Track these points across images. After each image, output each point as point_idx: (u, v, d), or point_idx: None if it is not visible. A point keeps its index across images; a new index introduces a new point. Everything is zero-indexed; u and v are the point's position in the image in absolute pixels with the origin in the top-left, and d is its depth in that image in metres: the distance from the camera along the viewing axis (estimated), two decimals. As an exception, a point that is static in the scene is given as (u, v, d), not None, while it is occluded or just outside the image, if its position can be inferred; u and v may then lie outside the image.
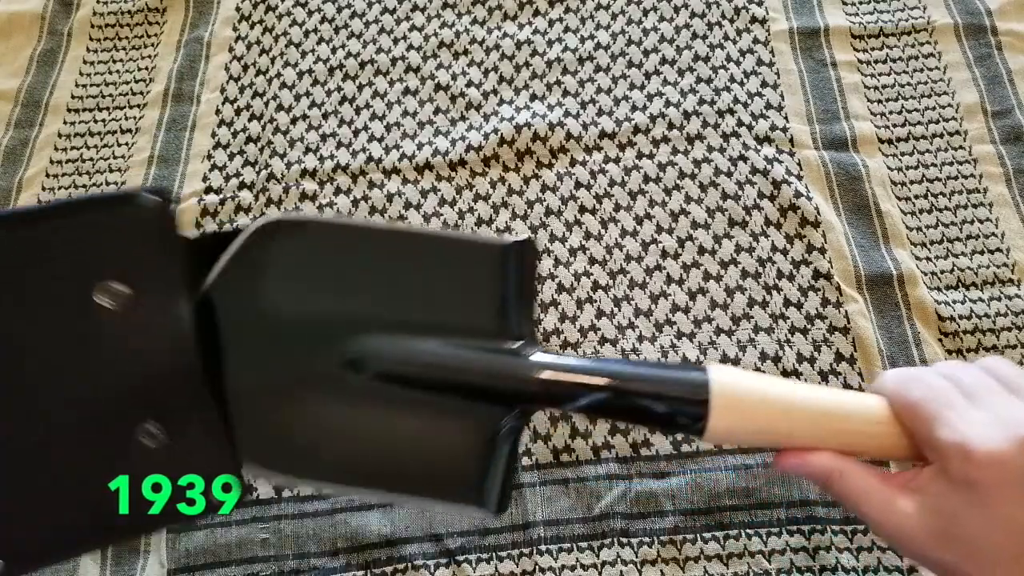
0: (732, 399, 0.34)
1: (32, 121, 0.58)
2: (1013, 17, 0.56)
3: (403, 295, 0.39)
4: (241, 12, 0.61)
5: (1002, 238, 0.49)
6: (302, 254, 0.38)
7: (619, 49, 0.57)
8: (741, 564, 0.41)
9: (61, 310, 0.32)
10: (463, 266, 0.39)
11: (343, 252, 0.39)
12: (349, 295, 0.38)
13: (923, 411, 0.32)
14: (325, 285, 0.39)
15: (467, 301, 0.38)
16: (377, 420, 0.37)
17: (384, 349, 0.37)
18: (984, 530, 0.30)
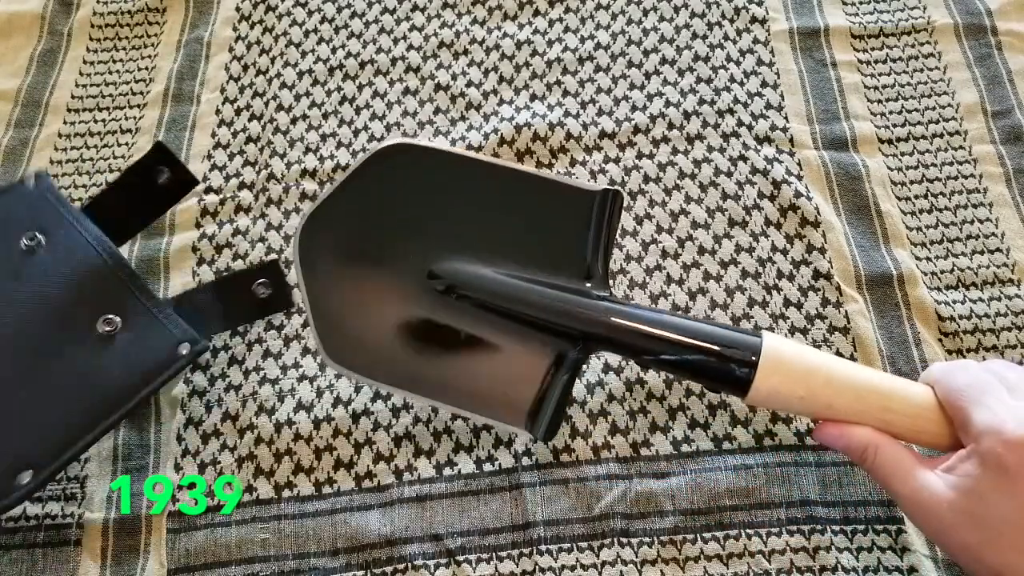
0: (780, 363, 0.36)
1: (32, 121, 0.58)
2: (1013, 17, 0.56)
3: (493, 225, 0.42)
4: (241, 12, 0.61)
5: (1002, 238, 0.49)
6: (410, 177, 0.43)
7: (619, 49, 0.57)
8: (741, 564, 0.41)
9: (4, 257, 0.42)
10: (553, 206, 0.42)
11: (447, 179, 0.43)
12: (444, 218, 0.42)
13: (965, 395, 0.32)
14: (425, 206, 0.42)
15: (550, 238, 0.42)
16: (448, 334, 0.41)
17: (465, 270, 0.41)
18: (1010, 514, 0.30)
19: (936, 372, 0.35)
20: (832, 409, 0.35)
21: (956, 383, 0.34)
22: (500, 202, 0.42)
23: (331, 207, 0.42)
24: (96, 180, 0.55)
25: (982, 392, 0.32)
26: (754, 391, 0.36)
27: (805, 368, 0.36)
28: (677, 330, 0.38)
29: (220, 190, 0.54)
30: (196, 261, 0.51)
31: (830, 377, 0.35)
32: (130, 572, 0.43)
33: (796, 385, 0.35)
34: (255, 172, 0.54)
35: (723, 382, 0.37)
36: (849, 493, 0.42)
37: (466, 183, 0.43)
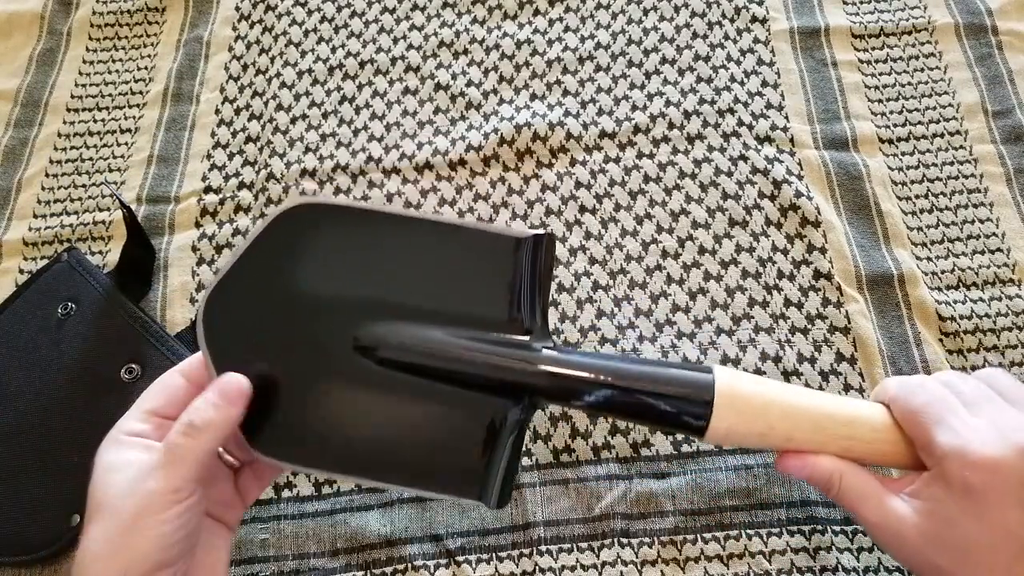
0: (735, 401, 0.34)
1: (32, 121, 0.58)
2: (1014, 17, 0.56)
3: (417, 282, 0.39)
4: (241, 12, 0.61)
5: (1002, 238, 0.49)
6: (320, 238, 0.39)
7: (619, 48, 0.57)
8: (741, 564, 0.41)
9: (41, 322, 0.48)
10: (479, 256, 0.39)
11: (361, 237, 0.39)
12: (364, 280, 0.39)
13: (924, 417, 0.32)
14: (340, 270, 0.39)
15: (481, 291, 0.38)
16: (383, 407, 0.37)
17: (394, 335, 0.37)
18: (979, 535, 0.30)
19: (892, 389, 0.35)
20: (792, 441, 0.34)
21: (914, 403, 0.33)
22: (422, 256, 0.39)
23: (234, 280, 0.37)
24: (96, 180, 0.55)
25: (941, 412, 0.32)
26: (711, 432, 0.34)
27: (761, 403, 0.34)
28: (624, 377, 0.35)
29: (220, 190, 0.53)
30: (196, 261, 0.51)
31: (786, 409, 0.34)
32: (130, 572, 0.43)
33: (754, 422, 0.34)
34: (255, 172, 0.54)
35: (679, 426, 0.35)
36: (849, 493, 0.42)
37: (382, 239, 0.39)
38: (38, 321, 0.47)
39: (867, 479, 0.34)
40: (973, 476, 0.30)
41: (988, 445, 0.30)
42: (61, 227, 0.53)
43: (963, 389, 0.33)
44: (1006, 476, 0.30)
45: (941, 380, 0.34)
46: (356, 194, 0.52)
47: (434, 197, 0.52)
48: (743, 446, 0.40)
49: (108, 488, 0.31)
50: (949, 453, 0.31)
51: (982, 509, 0.30)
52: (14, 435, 0.44)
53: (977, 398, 0.33)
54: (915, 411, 0.33)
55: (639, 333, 0.47)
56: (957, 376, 0.34)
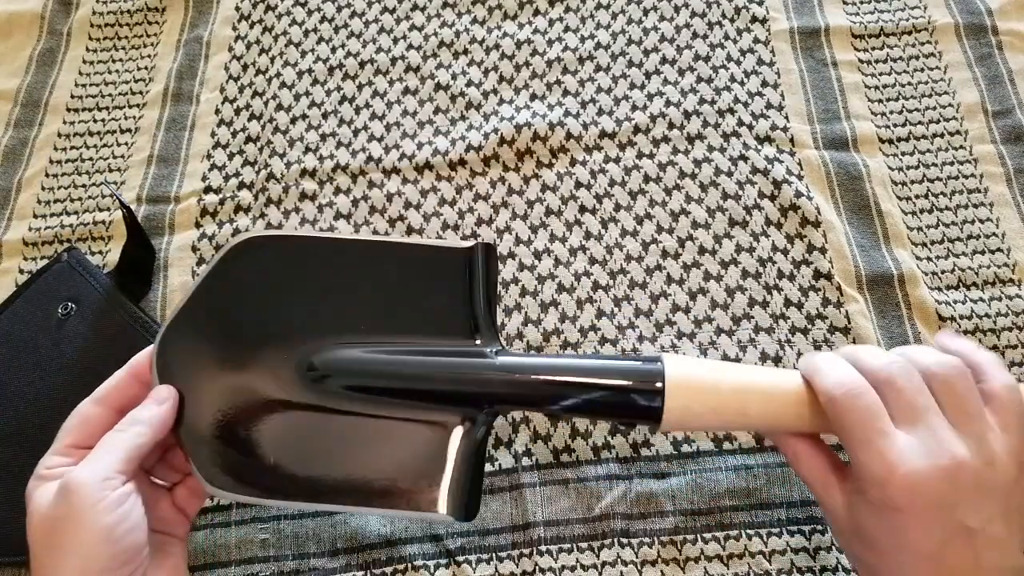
0: (686, 381, 0.35)
1: (32, 121, 0.58)
2: (1014, 17, 0.56)
3: (366, 303, 0.39)
4: (241, 12, 0.61)
5: (1003, 238, 0.49)
6: (270, 270, 0.39)
7: (619, 48, 0.57)
8: (741, 564, 0.41)
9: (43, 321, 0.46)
10: (424, 271, 0.40)
11: (309, 266, 0.40)
12: (314, 307, 0.39)
13: (850, 431, 0.32)
14: (290, 299, 0.39)
15: (427, 305, 0.39)
16: (340, 431, 0.37)
17: (343, 356, 0.38)
18: (893, 546, 0.31)
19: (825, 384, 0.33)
20: (747, 416, 0.35)
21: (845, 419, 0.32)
22: (368, 277, 0.39)
23: (187, 318, 0.38)
24: (96, 180, 0.55)
25: (868, 433, 0.31)
26: (667, 414, 0.35)
27: (711, 380, 0.35)
28: (575, 372, 0.36)
29: (220, 190, 0.53)
30: (196, 261, 0.51)
31: (736, 384, 0.35)
32: (130, 572, 0.43)
33: (707, 397, 0.35)
34: (255, 172, 0.54)
35: (634, 415, 0.36)
36: (849, 493, 0.42)
37: (329, 266, 0.40)
38: (38, 321, 0.47)
39: (817, 459, 0.35)
40: (891, 495, 0.30)
41: (911, 464, 0.30)
42: (61, 227, 0.53)
43: (904, 392, 0.32)
44: (926, 497, 0.30)
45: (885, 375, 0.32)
46: (356, 194, 0.52)
47: (434, 197, 0.52)
48: (699, 428, 0.40)
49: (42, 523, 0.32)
50: (868, 475, 0.31)
51: (897, 527, 0.30)
52: (14, 435, 0.44)
53: (913, 407, 0.31)
54: (844, 428, 0.32)
55: (639, 333, 0.47)
56: (905, 369, 0.32)
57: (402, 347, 0.38)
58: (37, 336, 0.47)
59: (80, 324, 0.47)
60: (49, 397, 0.45)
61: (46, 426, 0.44)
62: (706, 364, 0.36)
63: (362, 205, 0.52)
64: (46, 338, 0.47)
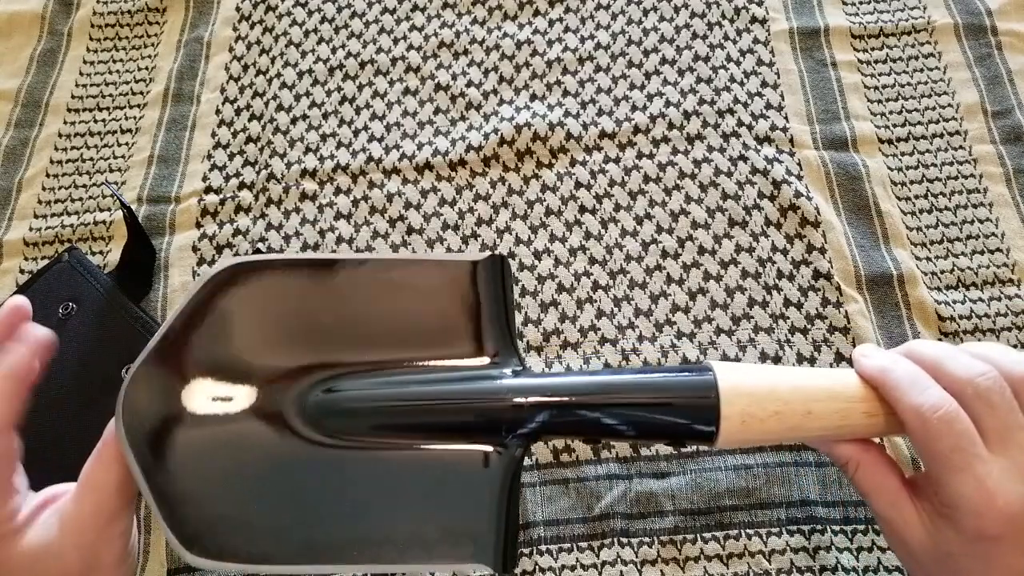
0: (740, 386, 0.31)
1: (32, 121, 0.58)
2: (1013, 17, 0.56)
3: (371, 329, 0.35)
4: (241, 12, 0.61)
5: (1002, 238, 0.49)
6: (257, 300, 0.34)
7: (619, 49, 0.57)
8: (741, 564, 0.41)
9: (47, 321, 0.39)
10: (433, 288, 0.35)
11: (298, 295, 0.35)
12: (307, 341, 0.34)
13: (944, 457, 0.29)
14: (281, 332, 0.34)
15: (441, 325, 0.34)
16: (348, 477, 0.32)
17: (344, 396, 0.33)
18: (982, 573, 0.29)
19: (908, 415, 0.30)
20: (812, 415, 0.31)
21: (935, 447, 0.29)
22: (373, 301, 0.34)
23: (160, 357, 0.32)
24: (96, 180, 0.55)
25: (964, 460, 0.29)
26: (726, 423, 0.31)
27: (767, 383, 0.32)
28: (617, 390, 0.32)
29: (220, 190, 0.53)
30: (196, 261, 0.51)
31: (793, 384, 0.32)
32: (130, 572, 0.43)
33: (767, 402, 0.31)
34: (255, 172, 0.54)
35: (687, 436, 0.32)
36: (849, 493, 0.42)
37: (326, 292, 0.35)
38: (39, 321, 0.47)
39: (884, 473, 0.32)
40: (989, 526, 0.28)
41: (1011, 493, 0.28)
42: (62, 227, 0.53)
43: (996, 413, 0.29)
44: (1020, 524, 0.28)
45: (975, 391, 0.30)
46: (356, 194, 0.52)
47: (434, 197, 0.52)
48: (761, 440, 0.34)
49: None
50: (965, 505, 0.29)
51: (990, 554, 0.29)
52: (15, 435, 0.44)
53: (1008, 424, 0.29)
54: (935, 453, 0.30)
55: (639, 333, 0.47)
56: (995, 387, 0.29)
57: (409, 375, 0.33)
58: None
59: (80, 324, 0.47)
60: (49, 396, 0.45)
61: (46, 426, 0.44)
62: (757, 369, 0.33)
63: (362, 205, 0.52)
64: None
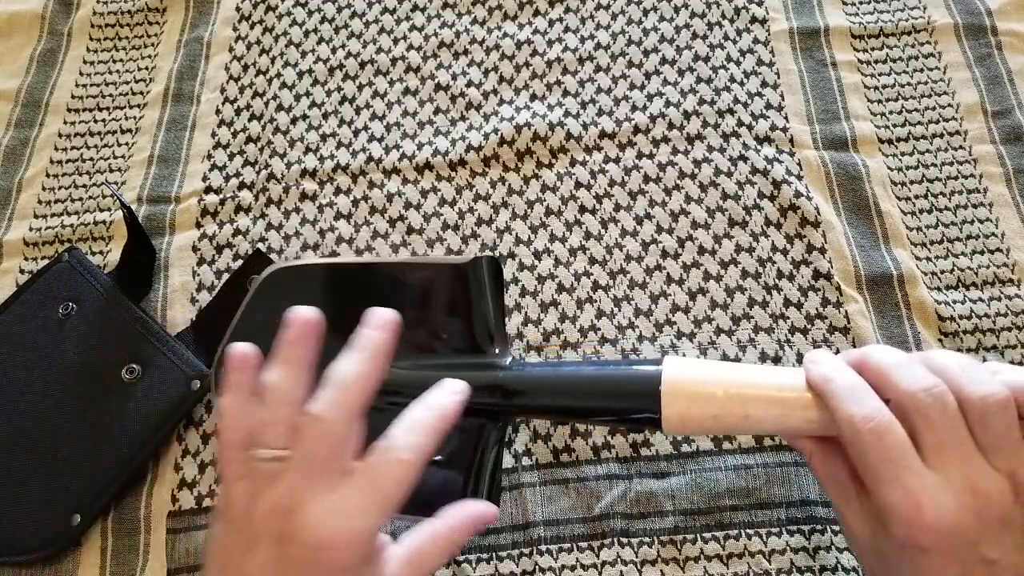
0: (681, 386, 0.34)
1: (32, 121, 0.58)
2: (1013, 17, 0.56)
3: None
4: (241, 12, 0.61)
5: (1002, 238, 0.49)
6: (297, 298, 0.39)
7: (619, 49, 0.57)
8: (741, 564, 0.41)
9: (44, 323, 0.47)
10: (432, 287, 0.41)
11: (331, 291, 0.42)
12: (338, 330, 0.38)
13: (874, 467, 0.30)
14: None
15: (440, 319, 0.41)
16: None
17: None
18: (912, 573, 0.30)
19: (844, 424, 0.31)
20: (751, 419, 0.34)
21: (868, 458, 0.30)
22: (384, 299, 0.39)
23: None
24: (96, 180, 0.55)
25: (896, 471, 0.29)
26: (666, 422, 0.34)
27: (708, 386, 0.34)
28: (579, 383, 0.38)
29: (220, 190, 0.53)
30: (196, 261, 0.51)
31: (736, 389, 0.34)
32: (130, 572, 0.43)
33: (705, 405, 0.34)
34: (255, 172, 0.54)
35: (636, 421, 0.37)
36: (849, 493, 0.42)
37: (349, 290, 0.42)
38: (39, 321, 0.47)
39: (837, 466, 0.33)
40: (918, 537, 0.29)
41: (940, 507, 0.29)
42: (62, 227, 0.53)
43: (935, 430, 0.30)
44: (953, 538, 0.29)
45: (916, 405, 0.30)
46: (356, 194, 0.52)
47: (434, 197, 0.52)
48: (707, 433, 0.42)
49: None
50: (895, 514, 0.29)
51: (921, 563, 0.29)
52: (15, 435, 0.44)
53: (944, 440, 0.30)
54: (866, 462, 0.30)
55: (639, 333, 0.47)
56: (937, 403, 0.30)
57: (421, 363, 0.39)
58: (38, 336, 0.47)
59: (81, 324, 0.47)
60: (50, 397, 0.45)
61: (47, 425, 0.44)
62: (707, 367, 0.35)
63: (362, 205, 0.52)
64: (47, 338, 0.47)
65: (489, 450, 0.38)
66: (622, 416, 0.37)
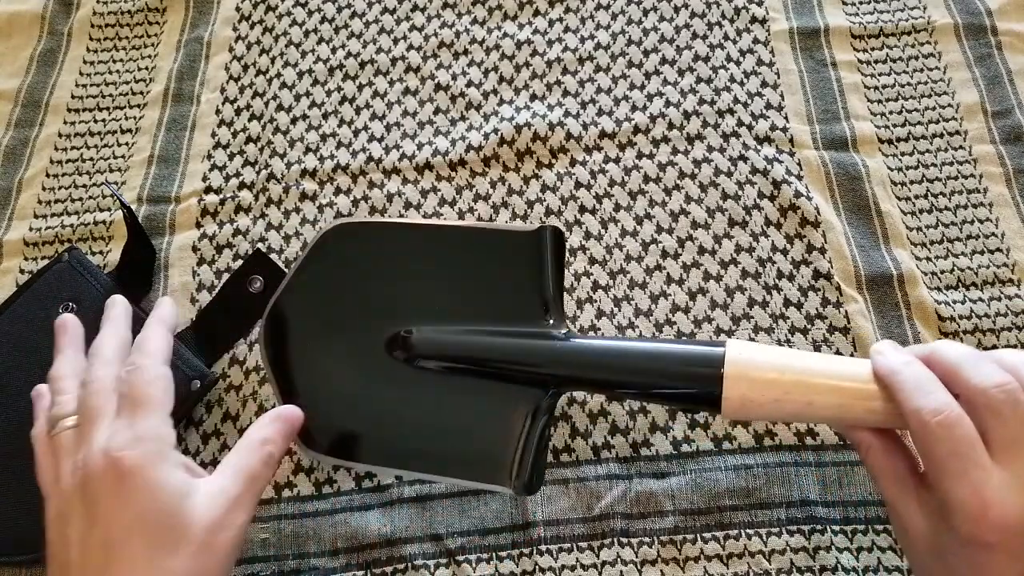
0: (746, 369, 0.34)
1: (32, 121, 0.58)
2: (1013, 17, 0.56)
3: (444, 285, 0.42)
4: (241, 12, 0.61)
5: (1002, 238, 0.49)
6: (359, 254, 0.43)
7: (619, 49, 0.57)
8: (741, 564, 0.41)
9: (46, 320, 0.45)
10: (497, 254, 0.42)
11: (393, 250, 0.43)
12: (396, 288, 0.42)
13: (941, 461, 0.30)
14: (376, 281, 0.43)
15: (501, 286, 0.41)
16: (421, 404, 0.40)
17: (422, 337, 0.41)
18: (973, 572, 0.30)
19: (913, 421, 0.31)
20: (813, 407, 0.33)
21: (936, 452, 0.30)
22: (447, 261, 0.42)
23: (288, 297, 0.42)
24: (96, 180, 0.55)
25: (964, 466, 0.29)
26: (726, 404, 0.34)
27: (773, 370, 0.34)
28: (638, 358, 0.38)
29: (220, 190, 0.54)
30: (196, 261, 0.51)
31: (801, 374, 0.33)
32: (130, 572, 0.43)
33: (767, 389, 0.33)
34: (255, 172, 0.54)
35: (694, 401, 0.36)
36: (849, 493, 0.42)
37: (412, 250, 0.43)
38: (39, 321, 0.47)
39: (895, 459, 0.33)
40: (982, 533, 0.29)
41: (1008, 503, 0.28)
42: (62, 227, 0.53)
43: (1006, 426, 0.29)
44: (1018, 536, 0.28)
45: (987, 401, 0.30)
46: (356, 194, 0.52)
47: (434, 197, 0.52)
48: (766, 419, 0.41)
49: (186, 514, 0.32)
50: (962, 509, 0.29)
51: (982, 559, 0.29)
52: (15, 435, 0.44)
53: (1015, 438, 0.29)
54: (933, 456, 0.30)
55: (639, 333, 0.47)
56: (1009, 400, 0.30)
57: (478, 328, 0.40)
58: (38, 336, 0.47)
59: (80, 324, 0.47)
60: None
61: None
62: (771, 352, 0.35)
63: (362, 205, 0.52)
64: (47, 338, 0.46)
65: (539, 418, 0.38)
66: (680, 396, 0.37)
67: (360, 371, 0.40)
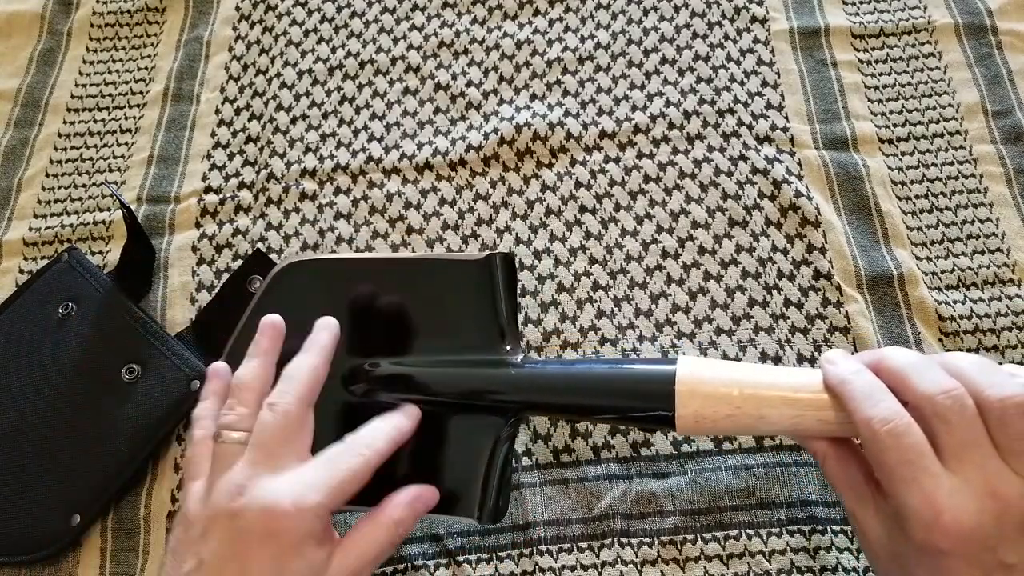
0: (697, 385, 0.34)
1: (32, 121, 0.58)
2: (1014, 17, 0.56)
3: (400, 319, 0.41)
4: (241, 12, 0.61)
5: (1002, 238, 0.49)
6: (313, 292, 0.42)
7: (619, 49, 0.57)
8: (741, 564, 0.41)
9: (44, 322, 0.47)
10: (446, 284, 0.42)
11: (343, 286, 0.42)
12: (353, 325, 0.41)
13: (891, 469, 0.30)
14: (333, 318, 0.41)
15: (452, 316, 0.41)
16: None
17: (385, 372, 0.40)
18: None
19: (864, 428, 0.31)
20: (765, 420, 0.34)
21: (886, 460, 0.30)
22: (394, 293, 0.42)
23: (246, 336, 0.40)
24: (96, 180, 0.55)
25: (914, 473, 0.29)
26: (680, 421, 0.34)
27: (723, 383, 0.34)
28: (591, 381, 0.38)
29: (220, 190, 0.53)
30: (196, 261, 0.51)
31: (751, 389, 0.34)
32: (129, 573, 0.43)
33: (719, 404, 0.34)
34: (255, 172, 0.54)
35: (649, 421, 0.37)
36: (849, 493, 0.42)
37: (363, 284, 0.42)
38: (38, 321, 0.47)
39: (851, 467, 0.33)
40: (936, 539, 0.29)
41: (959, 509, 0.28)
42: (61, 227, 0.53)
43: (954, 432, 0.30)
44: (972, 542, 0.29)
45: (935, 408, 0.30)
46: (356, 194, 0.52)
47: (434, 197, 0.52)
48: (721, 433, 0.42)
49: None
50: (914, 517, 0.29)
51: (939, 565, 0.29)
52: (15, 435, 0.44)
53: (963, 443, 0.29)
54: (884, 465, 0.30)
55: (639, 333, 0.47)
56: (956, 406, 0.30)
57: (436, 359, 0.40)
58: (37, 336, 0.47)
59: (80, 324, 0.47)
60: (50, 397, 0.45)
61: (47, 426, 0.44)
62: (722, 367, 0.35)
63: (362, 205, 0.52)
64: (46, 338, 0.47)
65: (500, 448, 0.38)
66: (635, 415, 0.37)
67: (318, 408, 0.38)
